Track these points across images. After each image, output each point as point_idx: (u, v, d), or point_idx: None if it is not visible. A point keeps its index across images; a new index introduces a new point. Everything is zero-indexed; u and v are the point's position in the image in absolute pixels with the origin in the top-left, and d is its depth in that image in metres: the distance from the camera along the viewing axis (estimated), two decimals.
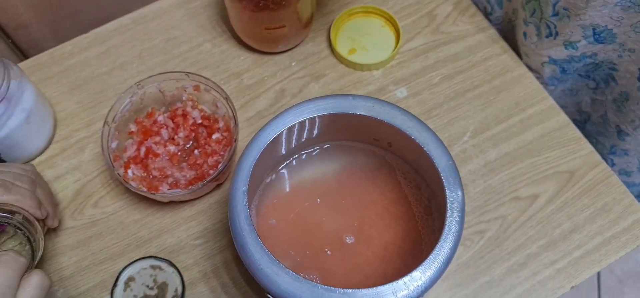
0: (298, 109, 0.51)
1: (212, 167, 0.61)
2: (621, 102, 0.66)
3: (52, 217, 0.56)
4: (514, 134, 0.66)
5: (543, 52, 0.66)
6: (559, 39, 0.63)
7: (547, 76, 0.69)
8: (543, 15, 0.62)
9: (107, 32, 0.74)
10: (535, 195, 0.62)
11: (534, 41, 0.66)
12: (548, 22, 0.62)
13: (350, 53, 0.71)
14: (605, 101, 0.69)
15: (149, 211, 0.63)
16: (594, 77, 0.68)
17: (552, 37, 0.63)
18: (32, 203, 0.51)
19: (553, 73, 0.68)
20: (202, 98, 0.65)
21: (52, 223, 0.56)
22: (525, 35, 0.68)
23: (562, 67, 0.67)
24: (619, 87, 0.65)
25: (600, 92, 0.69)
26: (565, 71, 0.67)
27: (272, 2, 0.62)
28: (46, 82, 0.71)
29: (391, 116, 0.51)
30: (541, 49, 0.66)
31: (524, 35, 0.68)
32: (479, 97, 0.68)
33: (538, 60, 0.68)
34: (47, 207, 0.54)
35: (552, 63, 0.66)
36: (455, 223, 0.46)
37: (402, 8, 0.74)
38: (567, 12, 0.60)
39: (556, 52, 0.65)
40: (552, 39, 0.63)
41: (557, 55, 0.65)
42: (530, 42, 0.67)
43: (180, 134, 0.64)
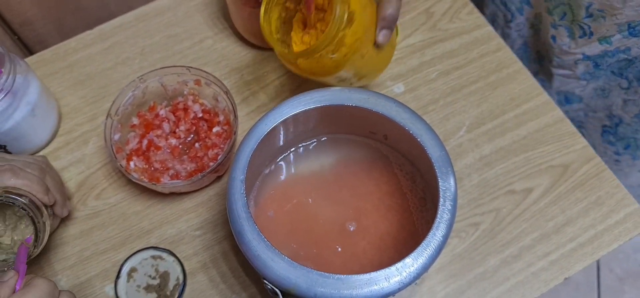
0: (295, 100, 0.52)
1: (212, 160, 0.63)
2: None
3: (61, 205, 0.57)
4: (509, 129, 0.67)
5: (577, 51, 0.67)
6: (593, 38, 0.64)
7: (580, 72, 0.70)
8: (575, 18, 0.64)
9: (110, 28, 0.75)
10: (530, 189, 0.63)
11: (565, 42, 0.68)
12: (581, 23, 0.63)
13: None
14: (638, 100, 0.69)
15: (150, 203, 0.64)
16: (627, 76, 0.69)
17: (586, 37, 0.64)
18: (39, 189, 0.53)
19: (586, 68, 0.69)
20: (202, 92, 0.66)
21: (61, 212, 0.57)
22: (554, 38, 0.69)
23: (595, 62, 0.68)
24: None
25: (633, 91, 0.69)
26: (598, 66, 0.68)
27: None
28: (51, 77, 0.72)
29: (386, 108, 0.52)
30: (575, 48, 0.67)
31: (553, 38, 0.69)
32: (475, 93, 0.69)
33: (571, 59, 0.69)
34: (56, 195, 0.56)
35: (586, 59, 0.68)
36: (447, 212, 0.47)
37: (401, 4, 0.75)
38: (602, 13, 0.61)
39: (590, 49, 0.66)
40: (586, 39, 0.65)
41: (591, 51, 0.66)
42: (562, 43, 0.68)
43: (182, 127, 0.65)
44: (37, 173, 0.54)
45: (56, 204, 0.56)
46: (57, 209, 0.57)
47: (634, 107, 0.71)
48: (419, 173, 0.58)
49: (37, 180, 0.53)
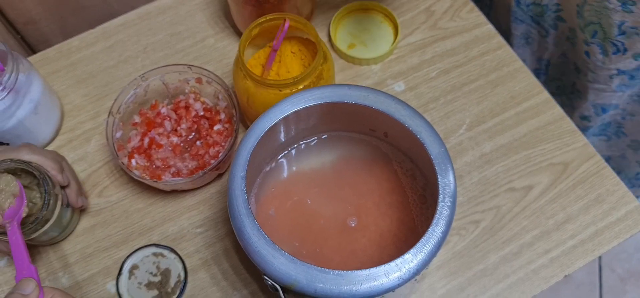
0: (296, 97, 0.52)
1: (214, 157, 0.63)
2: None
3: (75, 192, 0.59)
4: (509, 127, 0.67)
5: (611, 67, 0.68)
6: (628, 54, 0.64)
7: (616, 85, 0.71)
8: (606, 36, 0.64)
9: (113, 27, 0.76)
10: (530, 186, 0.64)
11: (599, 59, 0.68)
12: (614, 40, 0.64)
13: (350, 48, 0.72)
14: None
15: (152, 200, 0.64)
16: None
17: (620, 54, 0.65)
18: (54, 166, 0.56)
19: (622, 82, 0.70)
20: (204, 90, 0.66)
21: (75, 199, 0.59)
22: (587, 54, 0.69)
23: (630, 74, 0.68)
24: None
25: None
26: (633, 77, 0.68)
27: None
28: (54, 75, 0.73)
29: (385, 105, 0.52)
30: (609, 64, 0.68)
31: (587, 54, 0.69)
32: (475, 91, 0.69)
33: (605, 74, 0.70)
34: (70, 178, 0.59)
35: (621, 74, 0.68)
36: (446, 208, 0.47)
37: (401, 4, 0.76)
38: (636, 30, 0.61)
39: (625, 64, 0.66)
40: (620, 55, 0.65)
41: (626, 66, 0.67)
42: (595, 60, 0.68)
43: (183, 125, 0.65)
44: (52, 155, 0.58)
45: (70, 189, 0.58)
46: (72, 195, 0.58)
47: None
48: (419, 171, 0.59)
49: (52, 159, 0.57)
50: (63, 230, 0.61)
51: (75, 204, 0.60)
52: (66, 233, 0.62)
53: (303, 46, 0.64)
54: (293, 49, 0.63)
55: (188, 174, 0.62)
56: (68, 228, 0.61)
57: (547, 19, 0.74)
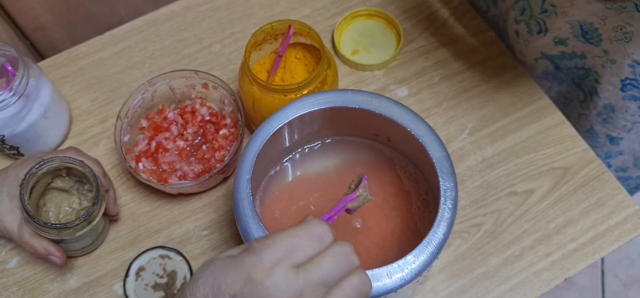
0: (300, 102, 0.53)
1: (219, 161, 0.64)
2: (607, 114, 0.68)
3: (113, 199, 0.62)
4: (510, 132, 0.68)
5: (536, 46, 0.68)
6: (549, 35, 0.65)
7: (541, 71, 0.71)
8: (533, 13, 0.65)
9: (120, 34, 0.77)
10: (531, 190, 0.64)
11: (525, 38, 0.69)
12: (538, 19, 0.65)
13: (353, 54, 0.73)
14: (589, 115, 0.70)
15: (158, 203, 0.65)
16: (583, 88, 0.70)
17: (542, 34, 0.65)
18: (99, 169, 0.59)
19: (546, 68, 0.70)
20: (210, 95, 0.68)
21: (112, 206, 0.61)
22: (517, 33, 0.70)
23: (555, 63, 0.68)
24: (601, 100, 0.67)
25: (585, 106, 0.71)
26: (558, 68, 0.69)
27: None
28: (62, 80, 0.74)
29: (388, 109, 0.53)
30: (533, 43, 0.68)
31: (516, 33, 0.70)
32: (477, 97, 0.70)
33: (531, 56, 0.70)
34: (110, 187, 0.61)
35: (545, 58, 0.69)
36: (448, 211, 0.48)
37: (404, 11, 0.77)
38: (555, 8, 0.62)
39: (547, 47, 0.67)
40: (542, 35, 0.66)
41: (549, 51, 0.67)
42: (523, 39, 0.70)
43: (189, 129, 0.67)
44: (95, 160, 0.60)
45: (109, 195, 0.60)
46: (110, 202, 0.60)
47: (586, 122, 0.72)
48: (421, 175, 0.60)
49: (96, 163, 0.60)
50: (96, 238, 0.62)
51: (112, 211, 0.62)
52: (98, 242, 0.63)
53: (307, 52, 0.65)
54: (297, 54, 0.65)
55: (194, 177, 0.63)
56: (101, 236, 0.63)
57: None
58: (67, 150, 0.59)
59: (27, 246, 0.56)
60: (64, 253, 0.58)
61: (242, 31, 0.77)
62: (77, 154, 0.59)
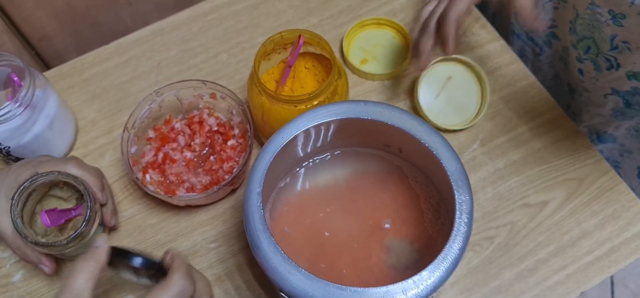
0: (311, 114, 0.52)
1: (227, 172, 0.63)
2: None
3: (111, 211, 0.60)
4: (523, 142, 0.67)
5: (605, 84, 0.66)
6: (621, 70, 0.63)
7: (610, 108, 0.69)
8: (599, 51, 0.63)
9: (127, 43, 0.76)
10: (545, 202, 0.63)
11: (593, 76, 0.67)
12: (607, 55, 0.63)
13: (362, 63, 0.73)
14: None
15: (166, 215, 0.64)
16: None
17: (613, 69, 0.64)
18: (97, 183, 0.57)
19: (616, 105, 0.68)
20: (218, 106, 0.67)
21: (110, 218, 0.60)
22: (581, 71, 0.68)
23: (625, 99, 0.66)
24: None
25: None
26: (629, 105, 0.66)
27: None
28: (68, 91, 0.73)
29: (401, 121, 0.52)
30: (602, 80, 0.66)
31: (580, 71, 0.68)
32: (489, 106, 0.69)
33: (600, 93, 0.68)
34: (108, 199, 0.60)
35: (615, 94, 0.67)
36: (463, 225, 0.47)
37: (414, 19, 0.76)
38: (627, 45, 0.60)
39: (619, 83, 0.65)
40: (613, 71, 0.64)
41: (620, 86, 0.65)
42: (589, 77, 0.68)
43: (197, 140, 0.66)
44: (96, 172, 0.59)
45: (107, 208, 0.59)
46: (107, 214, 0.59)
47: None
48: (433, 186, 0.58)
49: (96, 176, 0.58)
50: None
51: (109, 223, 0.60)
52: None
53: (317, 62, 0.64)
54: (307, 64, 0.64)
55: (202, 189, 0.62)
56: None
57: (542, 36, 0.74)
58: (68, 159, 0.58)
59: (19, 251, 0.56)
60: (53, 263, 0.57)
61: (248, 41, 0.76)
62: (77, 166, 0.57)
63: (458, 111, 0.68)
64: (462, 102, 0.68)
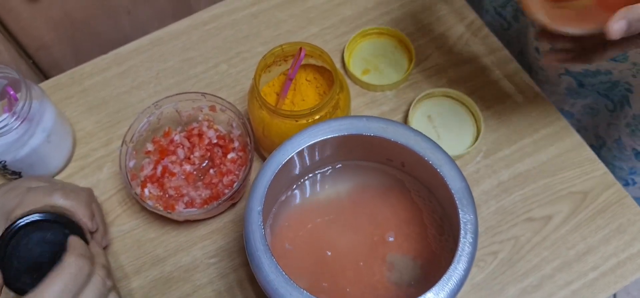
0: (313, 130, 0.52)
1: (227, 186, 0.62)
2: (636, 125, 0.66)
3: (101, 234, 0.57)
4: (527, 155, 0.66)
5: (559, 65, 0.66)
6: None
7: (565, 87, 0.69)
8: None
9: (125, 53, 0.76)
10: (549, 216, 0.62)
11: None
12: None
13: (364, 73, 0.72)
14: (619, 125, 0.68)
15: (165, 229, 0.63)
16: (612, 98, 0.68)
17: None
18: (86, 212, 0.54)
19: (570, 85, 0.68)
20: (217, 118, 0.66)
21: (101, 241, 0.57)
22: (537, 50, 0.68)
23: (578, 80, 0.67)
24: (632, 110, 0.65)
25: (616, 116, 0.69)
26: (582, 85, 0.67)
27: None
28: (66, 101, 0.72)
29: (405, 137, 0.51)
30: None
31: (537, 50, 0.68)
32: (492, 118, 0.68)
33: (555, 73, 0.68)
34: (99, 223, 0.57)
35: (568, 75, 0.66)
36: (468, 245, 0.46)
37: (416, 29, 0.75)
38: None
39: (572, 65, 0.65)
40: None
41: (573, 67, 0.65)
42: (544, 56, 0.68)
43: (196, 153, 0.65)
44: (84, 198, 0.55)
45: (98, 232, 0.56)
46: (98, 237, 0.57)
47: (615, 132, 0.70)
48: (436, 201, 0.58)
49: (85, 204, 0.54)
50: None
51: (101, 245, 0.58)
52: None
53: (318, 74, 0.63)
54: (308, 77, 0.63)
55: (201, 204, 0.61)
56: None
57: (509, 10, 0.73)
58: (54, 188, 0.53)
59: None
60: None
61: (249, 51, 0.75)
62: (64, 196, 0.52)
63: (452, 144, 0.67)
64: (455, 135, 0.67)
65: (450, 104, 0.69)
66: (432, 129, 0.67)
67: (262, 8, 0.78)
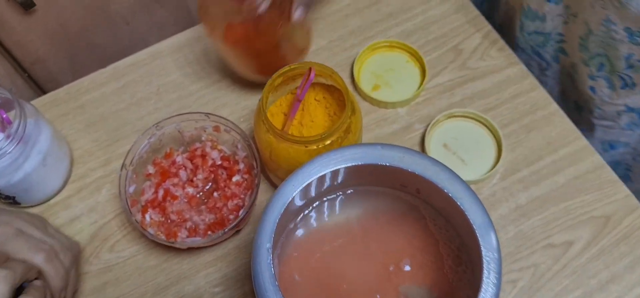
0: (324, 159, 0.49)
1: (232, 211, 0.59)
2: None
3: (71, 294, 0.53)
4: (545, 176, 0.63)
5: (619, 102, 0.64)
6: (637, 89, 0.60)
7: (625, 123, 0.67)
8: (614, 69, 0.60)
9: (124, 66, 0.72)
10: (570, 242, 0.60)
11: (606, 94, 0.65)
12: (622, 74, 0.60)
13: (374, 89, 0.69)
14: None
15: (167, 256, 0.61)
16: None
17: (628, 88, 0.61)
18: (60, 285, 0.50)
19: (631, 120, 0.66)
20: (221, 138, 0.63)
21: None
22: (592, 89, 0.65)
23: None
24: None
25: None
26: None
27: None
28: (63, 118, 0.69)
29: (422, 167, 0.48)
30: (616, 99, 0.64)
31: (592, 89, 0.65)
32: (508, 137, 0.65)
33: (613, 110, 0.66)
34: (69, 294, 0.52)
35: (630, 111, 0.64)
36: (492, 286, 0.43)
37: (427, 42, 0.72)
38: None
39: (634, 100, 0.62)
40: (629, 90, 0.61)
41: (635, 103, 0.63)
42: (602, 95, 0.65)
43: (199, 175, 0.62)
44: (67, 264, 0.51)
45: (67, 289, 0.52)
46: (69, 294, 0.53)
47: None
48: (453, 230, 0.55)
49: (62, 276, 0.50)
50: None
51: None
52: None
53: (327, 93, 0.60)
54: (317, 96, 0.60)
55: (205, 230, 0.58)
56: None
57: (549, 50, 0.70)
58: (39, 247, 0.49)
59: None
60: None
61: None
62: (47, 261, 0.48)
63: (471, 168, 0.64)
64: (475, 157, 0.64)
65: (468, 125, 0.66)
66: (451, 154, 0.64)
67: None
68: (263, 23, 0.58)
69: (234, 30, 0.60)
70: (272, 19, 0.58)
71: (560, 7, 0.64)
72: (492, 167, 0.63)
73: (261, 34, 0.59)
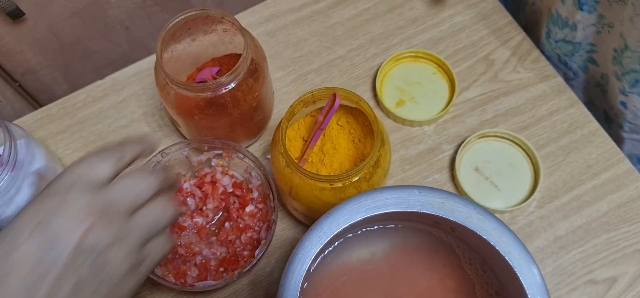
0: (354, 206, 0.43)
1: (246, 246, 0.54)
2: None
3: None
4: (586, 204, 0.58)
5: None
6: None
7: None
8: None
9: (123, 77, 0.66)
10: (614, 278, 0.55)
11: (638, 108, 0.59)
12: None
13: (398, 105, 0.63)
14: None
15: (175, 293, 0.56)
16: None
17: None
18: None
19: None
20: (233, 163, 0.57)
21: None
22: (624, 104, 0.60)
23: None
24: None
25: None
26: None
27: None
28: (57, 137, 0.63)
29: (464, 215, 0.43)
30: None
31: (623, 104, 0.60)
32: (545, 159, 0.60)
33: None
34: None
35: None
36: None
37: (455, 51, 0.66)
38: None
39: None
40: None
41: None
42: (635, 110, 0.60)
43: (209, 204, 0.57)
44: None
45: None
46: None
47: None
48: (492, 272, 0.50)
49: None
50: None
51: None
52: None
53: (351, 117, 0.54)
54: (340, 120, 0.54)
55: (217, 266, 0.54)
56: None
57: (577, 60, 0.65)
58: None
59: None
60: None
61: None
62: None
63: (505, 195, 0.59)
64: (510, 183, 0.59)
65: (502, 145, 0.60)
66: (484, 179, 0.59)
67: (278, 24, 0.68)
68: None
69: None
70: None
71: (594, 16, 0.59)
72: (529, 193, 0.58)
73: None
